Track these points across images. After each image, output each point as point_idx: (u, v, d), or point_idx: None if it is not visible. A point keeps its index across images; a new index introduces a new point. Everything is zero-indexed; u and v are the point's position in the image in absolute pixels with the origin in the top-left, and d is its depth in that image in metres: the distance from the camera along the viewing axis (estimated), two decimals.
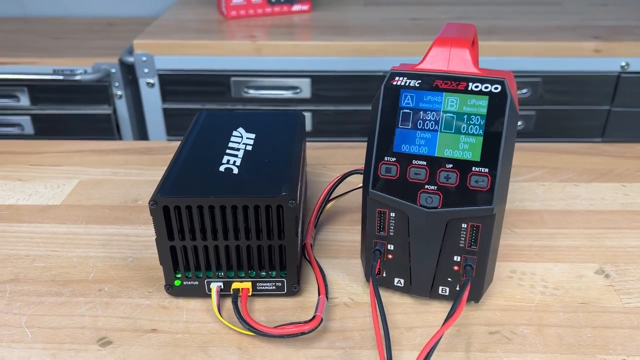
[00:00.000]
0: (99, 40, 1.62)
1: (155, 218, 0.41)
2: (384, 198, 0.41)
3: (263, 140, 0.49)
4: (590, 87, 1.37)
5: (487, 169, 0.38)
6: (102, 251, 0.51)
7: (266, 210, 0.41)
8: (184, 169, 0.44)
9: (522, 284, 0.47)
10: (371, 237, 0.43)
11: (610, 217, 0.55)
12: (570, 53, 1.34)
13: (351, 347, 0.41)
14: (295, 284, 0.44)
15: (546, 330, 0.42)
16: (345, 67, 1.37)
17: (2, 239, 0.53)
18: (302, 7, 1.59)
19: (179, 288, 0.45)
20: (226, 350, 0.41)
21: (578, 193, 0.59)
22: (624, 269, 0.48)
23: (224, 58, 1.38)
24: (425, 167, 0.40)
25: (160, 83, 1.43)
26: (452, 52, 0.40)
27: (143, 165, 0.65)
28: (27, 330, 0.43)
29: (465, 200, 0.39)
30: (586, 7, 1.62)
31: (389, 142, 0.40)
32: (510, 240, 0.52)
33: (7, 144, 0.70)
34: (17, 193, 0.60)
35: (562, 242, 0.51)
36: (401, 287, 0.44)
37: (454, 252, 0.41)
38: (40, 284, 0.47)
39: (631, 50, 1.34)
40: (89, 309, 0.45)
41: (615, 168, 0.63)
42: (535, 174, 0.62)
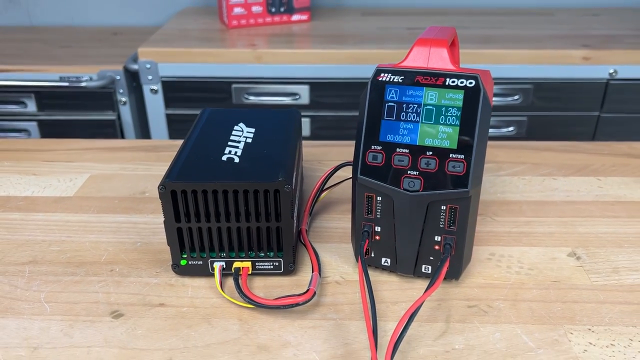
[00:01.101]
0: (104, 48, 1.67)
1: (163, 201, 0.45)
2: (371, 183, 0.45)
3: (262, 134, 0.53)
4: (580, 94, 1.42)
5: (462, 155, 0.43)
6: (113, 237, 0.55)
7: (264, 195, 0.45)
8: (190, 158, 0.48)
9: (500, 265, 0.51)
10: (360, 219, 0.47)
11: (584, 207, 0.59)
12: (560, 61, 1.39)
13: (341, 318, 0.45)
14: (291, 263, 0.48)
15: (520, 305, 0.46)
16: (343, 74, 1.41)
17: (20, 226, 0.57)
18: (301, 17, 1.64)
19: (184, 267, 0.49)
20: (228, 321, 0.45)
21: (556, 186, 0.63)
22: (594, 252, 0.52)
23: (225, 65, 1.43)
24: (408, 155, 0.44)
25: (163, 89, 1.48)
26: (431, 51, 0.44)
27: (149, 161, 0.70)
28: (46, 305, 0.47)
29: (443, 184, 0.43)
30: (577, 16, 1.67)
31: (376, 133, 0.45)
32: (491, 227, 0.56)
33: (20, 142, 0.75)
34: (32, 186, 0.64)
35: (538, 228, 0.56)
36: (388, 266, 0.48)
37: (435, 232, 0.45)
38: (56, 265, 0.51)
39: (619, 58, 1.38)
40: (102, 286, 0.49)
41: (592, 164, 0.67)
42: (517, 169, 0.66)
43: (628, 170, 0.66)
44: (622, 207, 0.59)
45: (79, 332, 0.44)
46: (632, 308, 0.45)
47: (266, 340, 0.43)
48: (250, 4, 1.57)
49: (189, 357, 0.41)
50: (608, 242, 0.53)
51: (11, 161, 0.70)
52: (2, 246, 0.54)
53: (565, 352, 0.41)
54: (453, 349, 0.42)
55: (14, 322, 0.45)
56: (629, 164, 0.67)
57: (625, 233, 0.55)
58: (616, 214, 0.58)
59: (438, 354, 0.41)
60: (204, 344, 0.43)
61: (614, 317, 0.44)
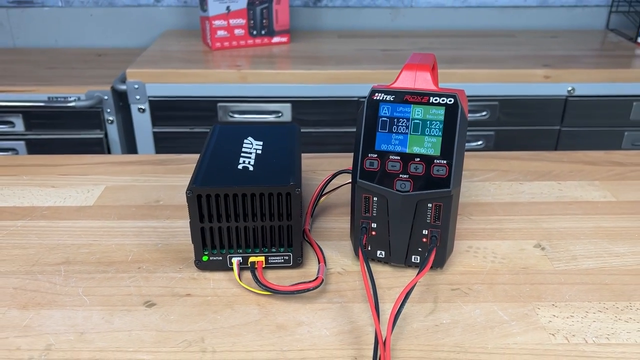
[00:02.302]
0: (90, 69, 1.73)
1: (190, 204, 0.53)
2: (368, 185, 0.53)
3: (269, 146, 0.61)
4: (541, 109, 1.53)
5: (445, 161, 0.51)
6: (135, 239, 0.62)
7: (277, 197, 0.53)
8: (210, 167, 0.56)
9: (477, 255, 0.59)
10: (359, 217, 0.55)
11: (547, 206, 0.68)
12: (523, 79, 1.51)
13: (345, 302, 0.52)
14: (299, 257, 0.56)
15: (495, 287, 0.54)
16: (323, 93, 1.50)
17: (49, 232, 0.63)
18: (281, 39, 1.73)
19: (206, 263, 0.56)
20: (248, 306, 0.52)
21: (522, 189, 0.72)
22: (556, 243, 0.61)
23: (211, 85, 1.50)
24: (399, 161, 0.52)
25: (150, 108, 1.54)
26: (417, 75, 0.53)
27: (159, 173, 0.76)
28: (85, 298, 0.53)
29: (430, 185, 0.51)
30: (537, 38, 1.80)
31: (372, 143, 0.53)
32: (468, 225, 0.64)
33: (35, 158, 0.81)
34: (53, 197, 0.70)
35: (508, 225, 0.64)
36: (382, 257, 0.56)
37: (423, 226, 0.53)
38: (88, 264, 0.58)
39: (576, 77, 1.51)
40: (133, 281, 0.55)
41: (553, 170, 0.77)
42: (488, 176, 0.75)
43: (583, 175, 0.75)
44: (578, 206, 0.68)
45: (118, 319, 0.50)
46: (587, 287, 0.54)
47: (283, 321, 0.50)
48: (233, 27, 1.65)
49: (218, 336, 0.48)
50: (567, 235, 0.62)
51: (29, 175, 0.76)
52: (36, 249, 0.60)
53: (534, 323, 0.50)
54: (441, 323, 0.50)
55: (59, 313, 0.51)
56: (584, 170, 0.77)
57: (581, 227, 0.64)
58: (574, 212, 0.67)
59: (429, 328, 0.49)
60: (229, 325, 0.50)
61: (573, 295, 0.53)
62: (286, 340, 0.48)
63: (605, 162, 0.79)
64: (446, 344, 0.47)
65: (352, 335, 0.48)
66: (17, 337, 0.48)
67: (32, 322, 0.50)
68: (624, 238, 0.62)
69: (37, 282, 0.55)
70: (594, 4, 1.94)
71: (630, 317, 0.50)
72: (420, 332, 0.49)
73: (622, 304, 0.52)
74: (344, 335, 0.48)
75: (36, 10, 1.92)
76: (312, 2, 1.92)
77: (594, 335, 0.48)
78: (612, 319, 0.50)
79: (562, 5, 1.94)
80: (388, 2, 1.93)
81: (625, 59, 1.59)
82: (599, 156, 0.80)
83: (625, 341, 0.48)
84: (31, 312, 0.51)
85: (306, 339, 0.48)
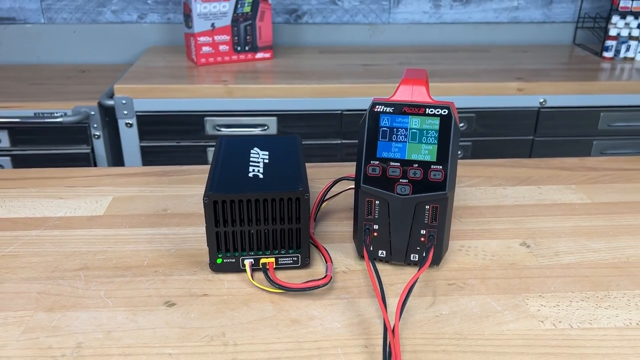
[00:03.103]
0: (75, 85, 1.75)
1: (206, 210, 0.56)
2: (371, 190, 0.58)
3: (275, 155, 0.65)
4: (515, 121, 1.61)
5: (441, 166, 0.56)
6: (149, 246, 0.65)
7: (287, 202, 0.57)
8: (222, 176, 0.60)
9: (469, 254, 0.64)
10: (362, 220, 0.60)
11: (530, 208, 0.74)
12: (497, 92, 1.58)
13: (352, 297, 0.57)
14: (307, 258, 0.60)
15: (487, 281, 0.59)
16: (307, 106, 1.55)
17: (65, 240, 0.66)
18: (265, 55, 1.78)
19: (219, 265, 0.59)
20: (262, 304, 0.56)
21: (506, 193, 0.78)
22: (539, 241, 0.67)
23: (198, 100, 1.54)
24: (399, 167, 0.57)
25: (138, 123, 1.57)
26: (414, 89, 0.58)
27: (163, 184, 0.80)
28: (107, 300, 0.56)
29: (427, 188, 0.56)
30: (509, 53, 1.89)
31: (373, 151, 0.58)
32: (459, 226, 0.70)
33: (38, 171, 0.83)
34: (63, 208, 0.73)
35: (495, 226, 0.70)
36: (384, 257, 0.61)
37: (421, 227, 0.58)
38: (106, 270, 0.61)
39: (548, 89, 1.59)
40: (151, 284, 0.59)
41: (533, 176, 0.83)
42: (474, 181, 0.81)
43: (560, 179, 0.82)
44: (558, 208, 0.74)
45: (142, 318, 0.54)
46: (570, 279, 0.60)
47: (296, 316, 0.54)
48: (217, 43, 1.70)
49: (238, 330, 0.52)
50: (549, 234, 0.68)
51: (36, 187, 0.78)
52: (53, 257, 0.63)
53: (524, 311, 0.55)
54: (441, 314, 0.55)
55: (85, 314, 0.54)
56: (561, 175, 0.83)
57: (561, 227, 0.70)
58: (554, 213, 0.73)
59: (430, 318, 0.54)
60: (247, 321, 0.53)
61: (557, 286, 0.59)
62: (301, 333, 0.52)
63: (580, 168, 0.85)
64: (447, 332, 0.52)
65: (361, 326, 0.53)
66: (48, 337, 0.51)
67: (59, 322, 0.53)
68: (600, 236, 0.68)
69: (59, 287, 0.58)
70: (561, 20, 2.04)
71: (609, 304, 0.56)
72: (423, 322, 0.53)
73: (601, 293, 0.58)
74: (353, 327, 0.53)
75: (18, 27, 1.93)
76: (294, 19, 1.98)
77: (578, 321, 0.54)
78: (593, 306, 0.56)
79: (532, 22, 2.04)
80: (366, 19, 2.00)
81: (592, 72, 1.69)
82: (574, 162, 0.87)
83: (605, 325, 0.53)
84: (57, 314, 0.54)
85: (319, 331, 0.52)
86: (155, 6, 1.94)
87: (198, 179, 0.81)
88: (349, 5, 1.97)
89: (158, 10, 1.94)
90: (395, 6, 1.98)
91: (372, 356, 0.49)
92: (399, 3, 1.98)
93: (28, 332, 0.52)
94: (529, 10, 2.02)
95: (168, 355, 0.49)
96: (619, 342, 0.51)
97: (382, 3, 1.98)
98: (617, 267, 0.62)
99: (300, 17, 1.98)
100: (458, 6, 2.00)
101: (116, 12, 1.94)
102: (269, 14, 1.72)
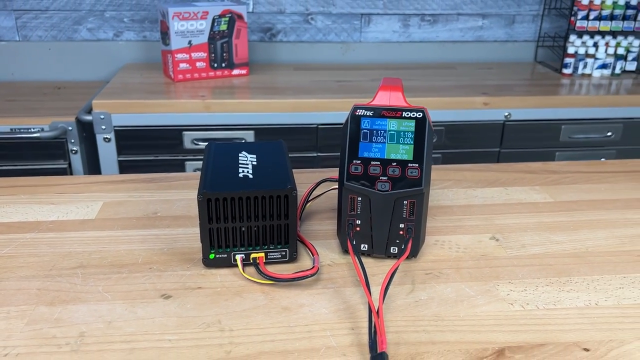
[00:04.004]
0: (52, 102, 1.76)
1: (200, 207, 0.60)
2: (354, 187, 0.62)
3: (263, 158, 0.69)
4: (482, 133, 1.69)
5: (417, 164, 0.61)
6: (142, 245, 0.68)
7: (277, 199, 0.61)
8: (214, 176, 0.64)
9: (443, 247, 0.69)
10: (345, 215, 0.64)
11: (497, 207, 0.80)
12: (464, 106, 1.66)
13: (338, 287, 0.61)
14: (294, 252, 0.64)
15: (461, 270, 0.64)
16: (284, 121, 1.60)
17: (59, 242, 0.69)
18: (241, 72, 1.82)
19: (212, 260, 0.63)
20: (254, 294, 0.59)
21: (475, 194, 0.83)
22: (507, 236, 0.72)
23: (176, 115, 1.57)
24: (379, 166, 0.62)
25: (116, 138, 1.59)
26: (391, 94, 0.63)
27: (151, 190, 0.83)
28: (106, 294, 0.59)
29: (405, 185, 0.61)
30: (475, 70, 1.98)
31: (355, 151, 0.62)
32: (433, 223, 0.75)
33: (28, 180, 0.86)
34: (55, 212, 0.76)
35: (466, 223, 0.75)
36: (365, 250, 0.65)
37: (400, 221, 0.63)
38: (102, 267, 0.64)
39: (512, 103, 1.67)
40: (147, 279, 0.62)
41: (500, 179, 0.89)
42: (446, 184, 0.87)
43: (525, 181, 0.88)
44: (523, 207, 0.80)
45: (141, 309, 0.57)
46: (536, 268, 0.65)
47: (287, 304, 0.58)
48: (194, 60, 1.74)
49: (233, 318, 0.56)
50: (516, 229, 0.74)
51: (27, 194, 0.81)
52: (49, 257, 0.66)
53: (496, 295, 0.60)
54: (420, 299, 0.59)
55: (85, 307, 0.57)
56: (526, 177, 0.89)
57: (527, 222, 0.75)
58: (520, 211, 0.79)
59: (410, 303, 0.59)
60: (241, 309, 0.57)
61: (525, 274, 0.64)
62: (292, 319, 0.56)
63: (543, 171, 0.91)
64: (426, 315, 0.57)
65: (348, 312, 0.57)
66: (51, 328, 0.54)
67: (61, 315, 0.56)
68: (562, 230, 0.74)
69: (58, 284, 0.61)
70: (523, 39, 2.15)
71: (571, 288, 0.62)
72: (404, 307, 0.58)
73: (564, 279, 0.63)
74: (340, 312, 0.57)
75: None
76: (268, 37, 2.04)
77: (543, 303, 0.59)
78: (557, 290, 0.61)
79: (496, 41, 2.14)
80: (339, 38, 2.07)
81: (553, 87, 1.78)
82: (537, 167, 0.93)
83: (568, 306, 0.59)
84: (58, 307, 0.57)
85: (309, 317, 0.56)
86: (132, 24, 1.97)
87: (185, 184, 0.85)
88: (322, 25, 2.04)
89: (134, 29, 1.98)
90: (366, 25, 2.06)
91: (359, 337, 0.54)
92: (369, 23, 2.06)
93: (31, 324, 0.54)
94: (493, 29, 2.12)
95: (168, 341, 0.53)
96: (580, 319, 0.56)
97: (354, 22, 2.05)
98: (577, 256, 0.68)
99: (275, 35, 2.04)
100: (426, 26, 2.09)
101: (92, 30, 1.97)
102: (245, 32, 1.77)
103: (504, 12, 2.10)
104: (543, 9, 2.10)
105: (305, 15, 2.02)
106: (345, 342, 0.53)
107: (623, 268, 0.65)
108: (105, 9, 1.94)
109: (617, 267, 0.66)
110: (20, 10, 1.91)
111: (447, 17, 2.09)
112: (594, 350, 0.52)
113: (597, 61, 1.92)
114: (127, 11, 1.95)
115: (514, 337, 0.54)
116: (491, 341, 0.53)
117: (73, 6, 1.92)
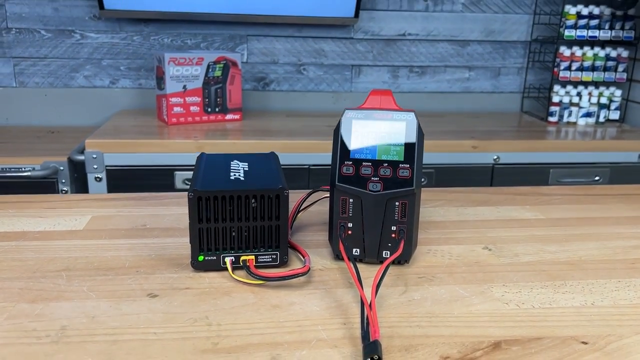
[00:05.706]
0: (45, 143, 1.77)
1: (190, 206, 0.60)
2: (345, 188, 0.62)
3: (254, 165, 0.69)
4: (472, 176, 1.70)
5: (408, 165, 0.62)
6: (129, 252, 0.67)
7: (268, 199, 0.61)
8: (206, 177, 0.63)
9: (436, 255, 0.68)
10: (337, 218, 0.64)
11: (490, 222, 0.79)
12: (455, 149, 1.68)
13: (329, 288, 0.60)
14: (285, 256, 0.63)
15: (454, 275, 0.63)
16: None
17: (45, 249, 0.67)
18: (234, 117, 1.85)
19: (201, 262, 0.62)
20: (244, 294, 0.58)
21: (467, 212, 0.83)
22: (500, 246, 0.72)
23: (168, 155, 1.58)
24: (370, 166, 0.62)
25: (108, 177, 1.59)
26: (382, 98, 0.65)
27: (140, 206, 0.82)
28: (91, 293, 0.57)
29: (396, 185, 0.61)
30: (463, 119, 2.02)
31: (347, 152, 0.63)
32: (426, 235, 0.74)
33: (17, 197, 0.85)
34: (43, 224, 0.75)
35: (459, 235, 0.75)
36: (358, 255, 0.64)
37: (392, 223, 0.63)
38: (88, 271, 0.62)
39: (500, 147, 1.70)
40: (133, 280, 0.60)
41: (491, 199, 0.89)
42: (437, 203, 0.87)
43: (517, 202, 0.88)
44: (515, 222, 0.80)
45: (126, 306, 0.55)
46: (530, 273, 0.64)
47: (277, 302, 0.56)
48: (188, 104, 1.77)
49: (221, 315, 0.54)
50: (509, 241, 0.73)
51: (14, 209, 0.80)
52: (34, 261, 0.64)
53: (490, 296, 0.59)
54: (413, 299, 0.58)
55: (68, 304, 0.55)
56: (517, 199, 0.89)
57: (519, 235, 0.75)
58: (512, 226, 0.78)
59: (403, 302, 0.57)
60: (229, 307, 0.55)
61: (518, 278, 0.63)
62: (282, 315, 0.54)
63: (534, 194, 0.92)
64: (419, 312, 0.55)
65: (339, 309, 0.55)
66: (31, 322, 0.52)
67: (42, 311, 0.54)
68: (555, 241, 0.73)
69: (41, 284, 0.59)
70: (509, 90, 2.21)
71: (566, 290, 0.61)
72: (397, 305, 0.57)
73: (558, 282, 0.62)
74: (332, 310, 0.55)
75: None
76: (261, 87, 2.08)
77: (539, 303, 0.58)
78: (552, 292, 0.60)
79: (482, 92, 2.20)
80: (330, 87, 2.12)
81: (540, 133, 1.82)
82: (528, 190, 0.94)
83: (564, 305, 0.57)
84: (40, 304, 0.55)
85: (300, 313, 0.55)
86: (128, 72, 2.01)
87: (175, 202, 0.84)
88: (313, 75, 2.10)
89: (130, 76, 2.02)
90: (356, 76, 2.12)
91: (351, 331, 0.52)
92: (360, 73, 2.12)
93: (11, 318, 0.52)
94: (479, 81, 2.19)
95: (153, 334, 0.51)
96: (577, 316, 0.55)
97: (345, 73, 2.11)
98: (571, 264, 0.67)
99: (268, 84, 2.08)
100: (414, 77, 2.16)
101: (88, 78, 2.00)
102: (239, 78, 1.81)
103: (490, 65, 2.17)
104: (527, 62, 2.17)
105: (298, 66, 2.08)
106: (337, 335, 0.51)
107: (617, 274, 0.65)
108: (103, 57, 1.98)
109: (611, 272, 0.65)
110: (19, 58, 1.95)
111: (434, 69, 2.15)
112: (593, 343, 0.51)
113: (582, 110, 1.98)
114: (123, 59, 2.00)
115: (510, 331, 0.52)
116: (487, 335, 0.52)
117: (71, 54, 1.97)
